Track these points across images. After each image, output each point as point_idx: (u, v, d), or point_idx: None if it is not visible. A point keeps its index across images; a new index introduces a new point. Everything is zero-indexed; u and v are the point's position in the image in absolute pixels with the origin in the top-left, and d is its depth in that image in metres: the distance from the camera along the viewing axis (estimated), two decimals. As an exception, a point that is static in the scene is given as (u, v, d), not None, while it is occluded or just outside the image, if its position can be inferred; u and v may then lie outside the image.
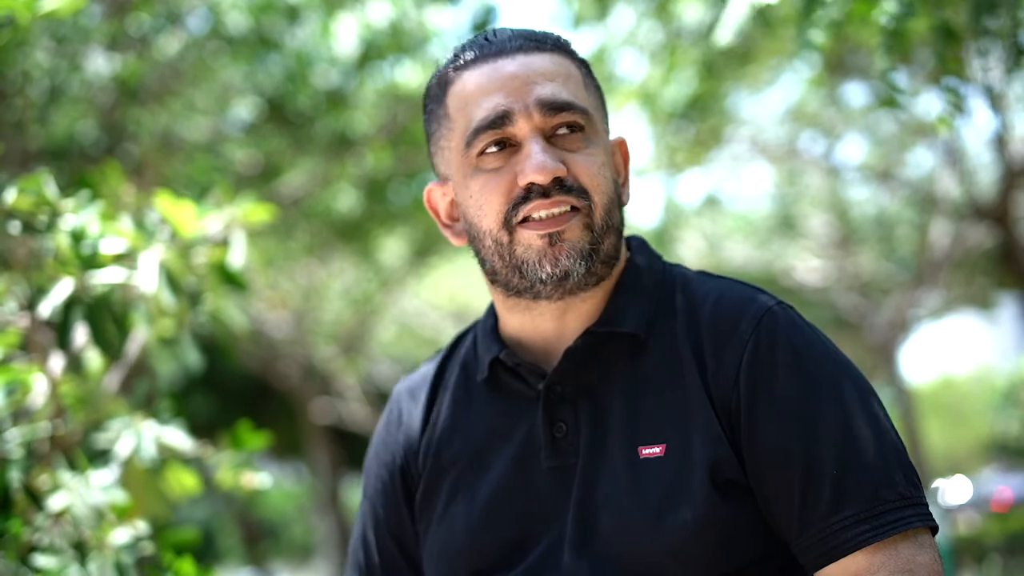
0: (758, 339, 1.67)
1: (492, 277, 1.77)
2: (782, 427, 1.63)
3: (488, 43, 1.76)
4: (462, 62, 1.77)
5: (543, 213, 1.68)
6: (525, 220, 1.70)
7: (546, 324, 1.78)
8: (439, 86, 1.79)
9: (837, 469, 1.60)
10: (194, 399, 16.20)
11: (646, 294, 1.78)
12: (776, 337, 1.68)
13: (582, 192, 1.70)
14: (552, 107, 1.71)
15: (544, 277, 1.70)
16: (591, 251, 1.70)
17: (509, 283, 1.75)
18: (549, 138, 1.72)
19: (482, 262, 1.78)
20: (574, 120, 1.72)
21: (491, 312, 1.88)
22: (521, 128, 1.70)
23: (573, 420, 1.74)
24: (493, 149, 1.72)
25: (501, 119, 1.70)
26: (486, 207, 1.72)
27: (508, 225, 1.70)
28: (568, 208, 1.69)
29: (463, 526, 1.77)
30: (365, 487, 1.95)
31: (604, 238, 1.72)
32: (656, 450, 1.67)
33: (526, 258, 1.70)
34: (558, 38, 1.80)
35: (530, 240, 1.69)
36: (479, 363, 1.85)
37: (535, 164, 1.67)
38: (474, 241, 1.77)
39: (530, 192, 1.68)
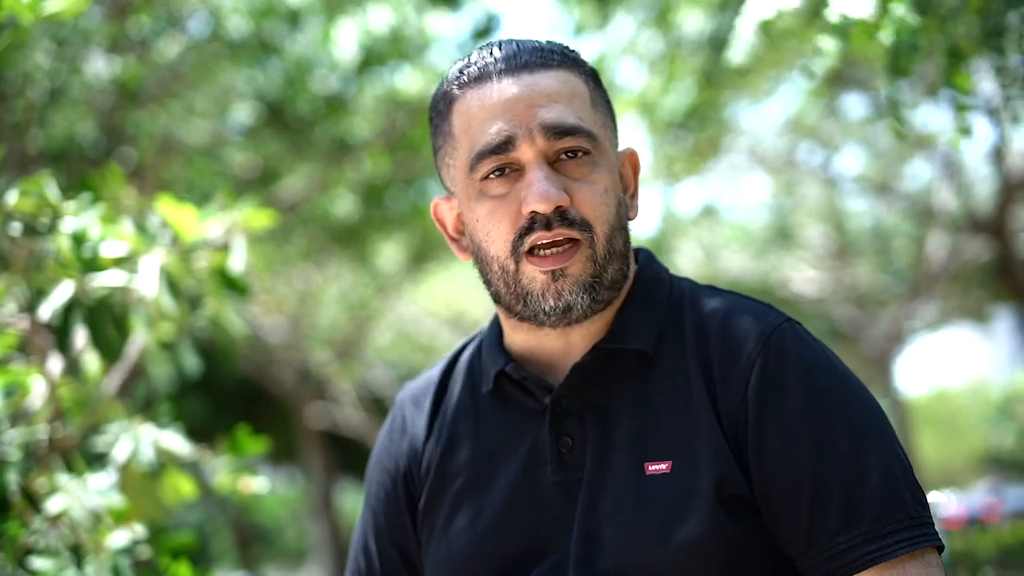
0: (767, 356, 1.66)
1: (496, 299, 1.76)
2: (790, 444, 1.62)
3: (493, 59, 1.72)
4: (466, 79, 1.73)
5: (546, 244, 1.67)
6: (531, 251, 1.68)
7: (551, 343, 1.77)
8: (443, 101, 1.76)
9: (845, 487, 1.59)
10: (188, 402, 16.16)
11: (654, 309, 1.77)
12: (785, 354, 1.67)
13: (584, 224, 1.67)
14: (556, 131, 1.67)
15: (547, 309, 1.69)
16: (594, 283, 1.69)
17: (512, 308, 1.74)
18: (553, 162, 1.69)
19: (487, 283, 1.76)
20: (578, 145, 1.69)
21: (496, 324, 1.86)
22: (524, 153, 1.68)
23: (579, 435, 1.73)
24: (496, 174, 1.69)
25: (504, 145, 1.67)
26: (494, 234, 1.70)
27: (516, 254, 1.68)
28: (569, 241, 1.67)
29: (468, 537, 1.76)
30: (367, 494, 1.94)
31: (608, 267, 1.70)
32: (662, 466, 1.66)
33: (531, 290, 1.69)
34: (565, 51, 1.76)
35: (534, 274, 1.68)
36: (484, 375, 1.83)
37: (537, 193, 1.65)
38: (480, 263, 1.75)
39: (534, 221, 1.66)
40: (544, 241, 1.67)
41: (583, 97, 1.73)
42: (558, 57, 1.74)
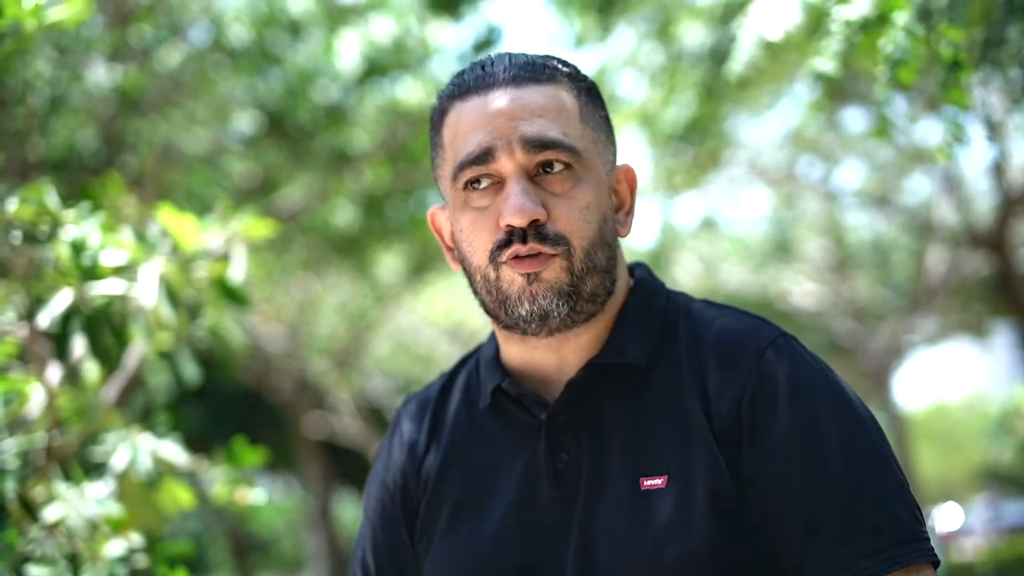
0: (761, 370, 1.67)
1: (484, 308, 1.78)
2: (784, 459, 1.63)
3: (483, 73, 1.74)
4: (457, 92, 1.75)
5: (522, 256, 1.68)
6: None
7: (543, 357, 1.78)
8: (437, 114, 1.79)
9: (839, 503, 1.59)
10: (186, 412, 16.13)
11: (650, 324, 1.78)
12: (779, 369, 1.67)
13: (558, 239, 1.68)
14: (536, 145, 1.68)
15: (524, 314, 1.70)
16: (570, 292, 1.69)
17: (498, 317, 1.75)
18: (535, 176, 1.70)
19: (475, 292, 1.78)
20: (558, 158, 1.69)
21: (493, 339, 1.87)
22: (504, 165, 1.69)
23: (575, 450, 1.73)
24: (478, 186, 1.71)
25: (484, 156, 1.69)
26: (476, 244, 1.72)
27: (494, 263, 1.70)
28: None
29: (465, 552, 1.77)
30: (366, 508, 1.94)
31: (586, 279, 1.70)
32: (657, 481, 1.67)
33: (509, 294, 1.70)
34: (558, 65, 1.77)
35: (512, 276, 1.69)
36: (482, 390, 1.84)
37: (513, 207, 1.66)
38: (467, 272, 1.77)
39: (512, 235, 1.68)
40: (520, 255, 1.68)
41: (571, 112, 1.73)
42: (549, 71, 1.75)
